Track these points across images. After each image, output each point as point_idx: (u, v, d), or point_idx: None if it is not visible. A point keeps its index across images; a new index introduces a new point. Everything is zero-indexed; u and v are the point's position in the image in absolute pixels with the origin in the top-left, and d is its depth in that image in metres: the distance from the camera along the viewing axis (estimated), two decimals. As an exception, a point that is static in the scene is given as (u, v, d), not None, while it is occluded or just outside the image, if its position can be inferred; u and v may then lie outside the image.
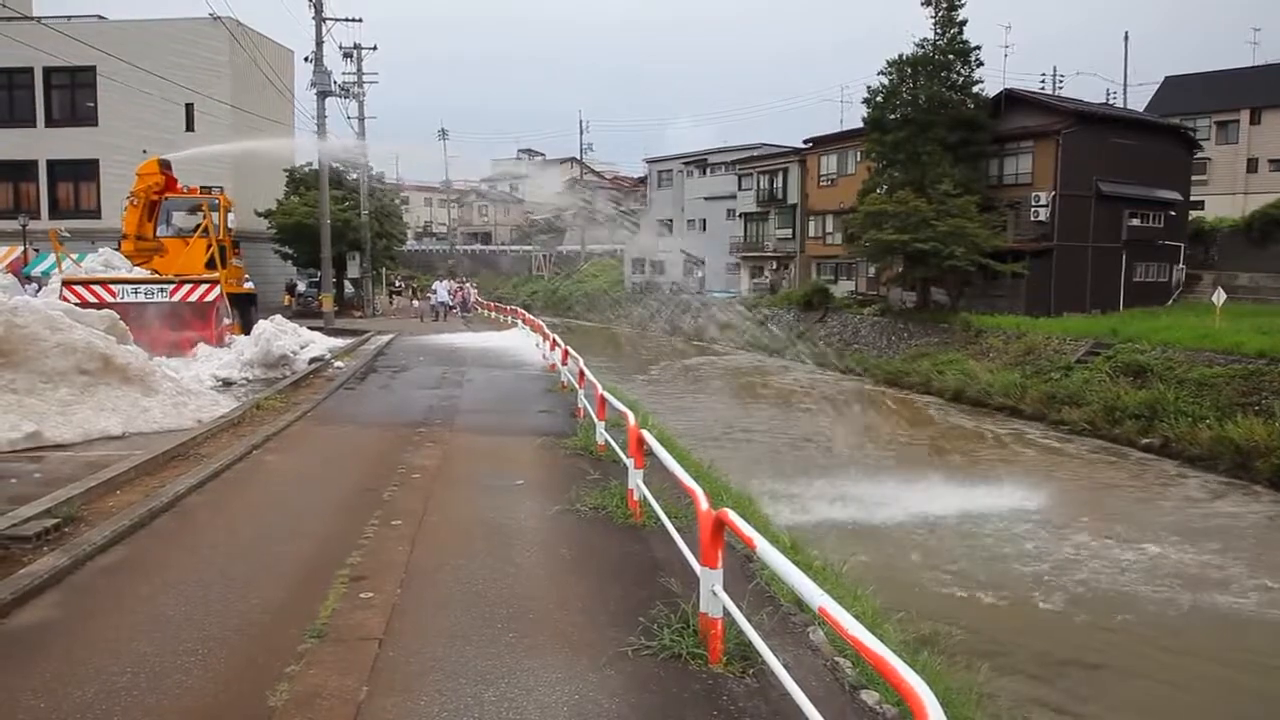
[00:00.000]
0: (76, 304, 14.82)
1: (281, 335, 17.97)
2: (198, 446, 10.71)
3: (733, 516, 4.89)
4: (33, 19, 34.68)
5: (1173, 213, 37.73)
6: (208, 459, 10.03)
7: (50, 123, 38.12)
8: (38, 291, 18.56)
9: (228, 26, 34.78)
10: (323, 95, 35.12)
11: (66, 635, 5.34)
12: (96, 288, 17.59)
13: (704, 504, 5.34)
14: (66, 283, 17.55)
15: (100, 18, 38.61)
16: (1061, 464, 20.34)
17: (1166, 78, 53.10)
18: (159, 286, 18.22)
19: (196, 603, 5.85)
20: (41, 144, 37.86)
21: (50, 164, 37.99)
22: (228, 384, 16.01)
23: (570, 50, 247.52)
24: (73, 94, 37.98)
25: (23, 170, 38.39)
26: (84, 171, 37.23)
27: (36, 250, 27.92)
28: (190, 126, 35.36)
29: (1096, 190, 34.94)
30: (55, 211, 37.30)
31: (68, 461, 9.63)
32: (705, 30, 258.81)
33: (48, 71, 37.13)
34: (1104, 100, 52.42)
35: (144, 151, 21.25)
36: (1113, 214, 35.45)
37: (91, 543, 6.78)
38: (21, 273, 23.64)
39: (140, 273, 19.13)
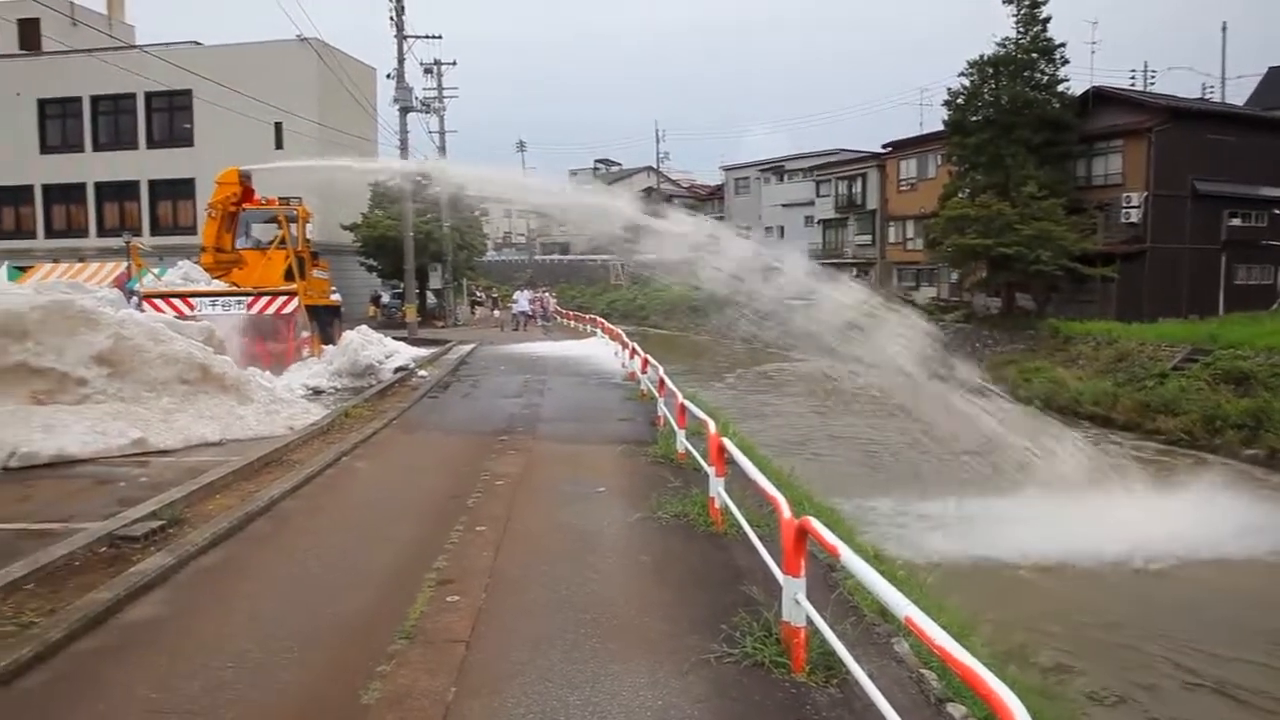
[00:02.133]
0: None
1: (368, 345, 18.48)
2: (290, 453, 11.08)
3: (816, 524, 4.89)
4: (137, 47, 36.45)
5: (1278, 211, 36.13)
6: (300, 465, 10.38)
7: (151, 144, 40.11)
8: (139, 305, 19.30)
9: (314, 47, 35.98)
10: (404, 111, 36.03)
11: (173, 631, 5.60)
12: (175, 301, 17.49)
13: (786, 512, 5.34)
14: (146, 297, 17.51)
15: (196, 44, 40.36)
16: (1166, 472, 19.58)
17: (1270, 69, 50.87)
18: (236, 299, 18.02)
19: (292, 602, 6.07)
20: (143, 165, 39.85)
21: (151, 184, 39.92)
22: (317, 392, 16.52)
23: (643, 60, 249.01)
24: (171, 117, 39.89)
25: (126, 190, 40.51)
26: (181, 190, 38.92)
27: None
28: (279, 144, 36.65)
29: (1192, 189, 33.69)
30: (156, 228, 39.14)
31: (170, 466, 10.08)
32: (779, 32, 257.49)
33: (149, 96, 39.11)
34: (1200, 95, 50.52)
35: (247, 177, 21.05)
36: (1211, 214, 34.12)
37: (194, 544, 7.08)
38: (125, 287, 24.70)
39: (218, 285, 19.03)
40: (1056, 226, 31.66)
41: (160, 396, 11.98)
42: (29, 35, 40.58)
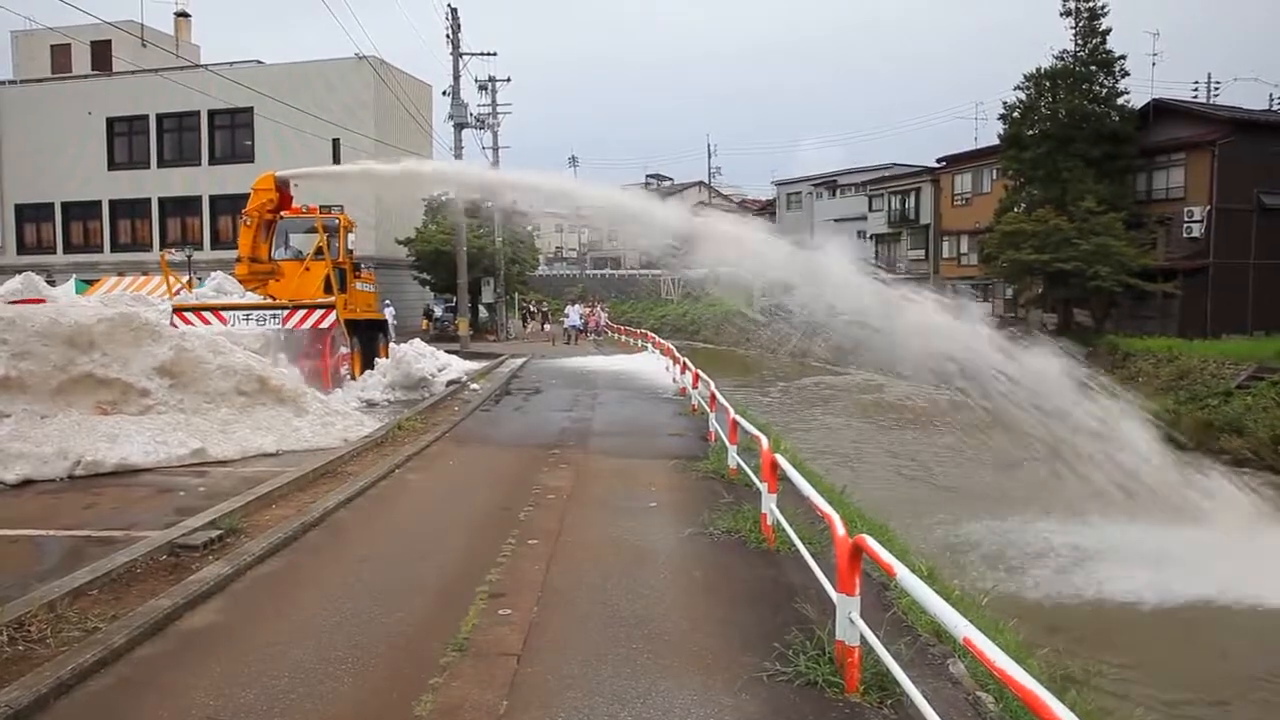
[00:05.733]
0: None
1: (421, 359, 18.69)
2: (345, 465, 11.22)
3: (871, 543, 4.81)
4: (201, 66, 37.50)
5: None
6: (354, 477, 10.50)
7: (213, 161, 41.16)
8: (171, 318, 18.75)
9: (372, 65, 36.70)
10: (459, 127, 36.55)
11: (230, 639, 5.69)
12: (207, 314, 16.65)
13: (840, 529, 5.27)
14: (177, 309, 16.63)
15: (258, 62, 41.37)
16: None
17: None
18: (271, 313, 16.98)
19: (346, 613, 6.13)
20: (205, 181, 40.93)
21: (212, 199, 40.92)
22: (371, 405, 16.72)
23: (697, 76, 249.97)
24: (233, 134, 40.93)
25: (189, 205, 41.61)
26: (242, 205, 39.48)
27: (199, 279, 29.91)
28: (337, 159, 37.31)
29: (1259, 203, 32.79)
30: (216, 242, 40.13)
31: (228, 476, 10.28)
32: (832, 48, 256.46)
33: (212, 114, 40.22)
34: (1268, 107, 49.19)
35: (294, 186, 20.76)
36: (1278, 228, 33.18)
37: (251, 553, 7.20)
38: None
39: (252, 298, 18.04)
40: (1116, 241, 31.05)
41: (219, 407, 12.24)
42: (101, 56, 41.96)
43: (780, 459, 7.82)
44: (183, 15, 46.07)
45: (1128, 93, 34.20)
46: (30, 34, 41.94)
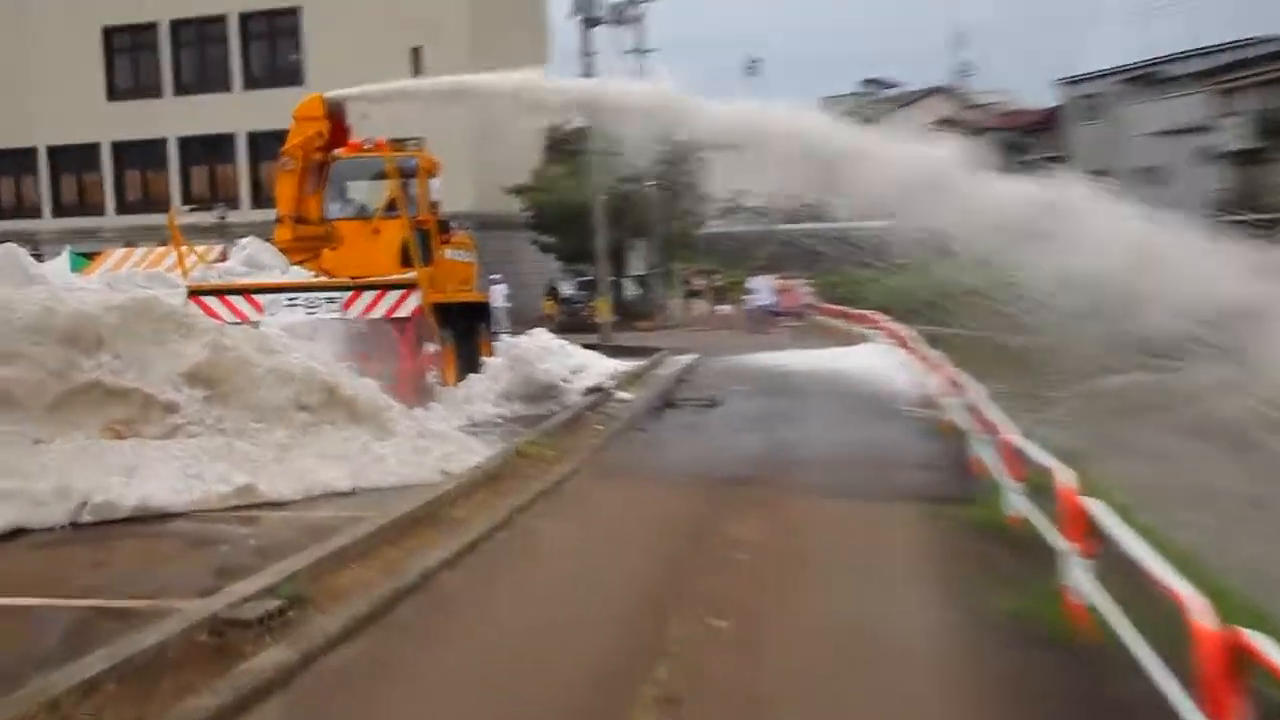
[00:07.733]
0: None
1: (546, 357, 18.95)
2: (447, 507, 11.41)
3: (1258, 642, 4.53)
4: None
5: None
6: (461, 524, 10.72)
7: (249, 84, 42.13)
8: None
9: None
10: (589, 23, 36.79)
11: (297, 758, 5.91)
12: (235, 299, 17.01)
13: (1203, 619, 4.99)
14: (192, 293, 16.99)
15: (303, -56, 42.53)
16: None
17: None
18: (326, 295, 17.25)
19: (457, 724, 6.28)
20: (239, 113, 41.80)
21: (251, 137, 41.89)
22: (478, 423, 17.01)
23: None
24: (273, 45, 41.93)
25: (219, 148, 42.71)
26: (286, 144, 41.23)
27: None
28: (418, 76, 38.28)
29: None
30: (258, 198, 41.38)
31: (287, 524, 10.73)
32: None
33: (244, 18, 41.23)
34: None
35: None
36: None
37: (324, 633, 7.43)
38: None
39: (299, 274, 18.41)
40: None
41: (272, 428, 12.63)
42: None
43: (1092, 505, 7.54)
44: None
45: None
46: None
